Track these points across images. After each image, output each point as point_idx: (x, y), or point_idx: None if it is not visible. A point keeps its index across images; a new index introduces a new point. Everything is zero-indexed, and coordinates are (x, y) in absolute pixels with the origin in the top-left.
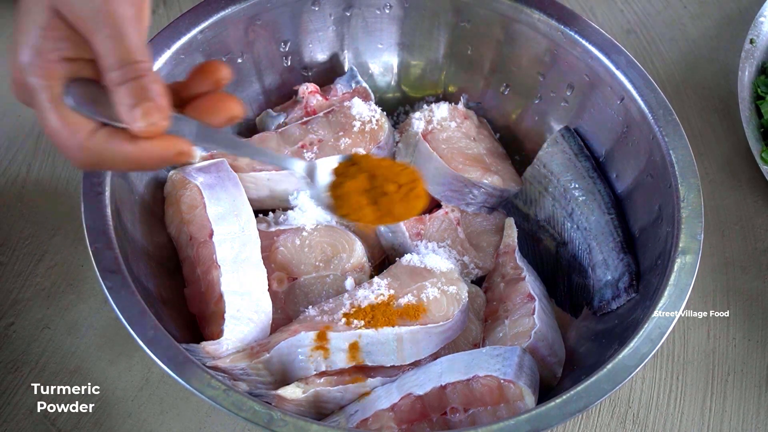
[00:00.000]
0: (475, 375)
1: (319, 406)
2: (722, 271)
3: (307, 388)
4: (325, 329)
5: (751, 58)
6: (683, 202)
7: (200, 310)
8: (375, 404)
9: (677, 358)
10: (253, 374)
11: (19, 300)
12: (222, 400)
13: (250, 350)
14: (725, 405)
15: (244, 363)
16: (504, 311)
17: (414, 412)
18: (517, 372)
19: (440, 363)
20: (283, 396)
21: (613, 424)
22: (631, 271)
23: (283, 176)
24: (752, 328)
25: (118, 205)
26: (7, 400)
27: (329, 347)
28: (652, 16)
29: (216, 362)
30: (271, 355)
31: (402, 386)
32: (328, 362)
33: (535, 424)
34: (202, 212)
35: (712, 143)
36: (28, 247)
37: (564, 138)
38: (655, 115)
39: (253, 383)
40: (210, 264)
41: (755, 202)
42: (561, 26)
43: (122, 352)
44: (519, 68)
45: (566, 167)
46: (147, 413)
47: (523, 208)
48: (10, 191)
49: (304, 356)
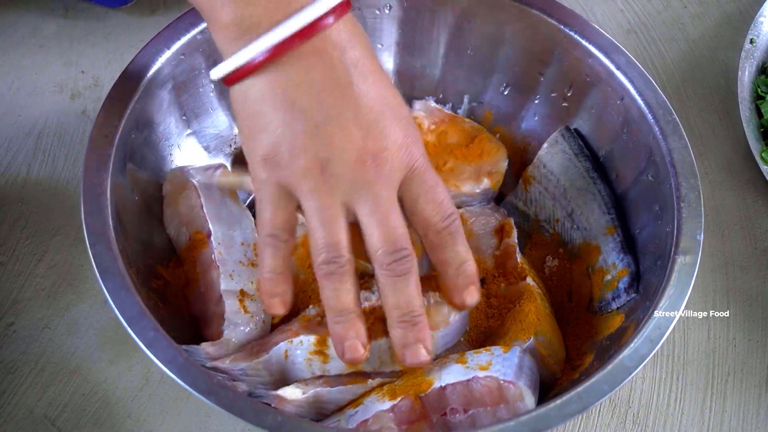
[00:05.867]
0: (474, 376)
1: (319, 407)
2: (722, 271)
3: (307, 388)
4: (326, 334)
5: (751, 58)
6: (683, 202)
7: (200, 310)
8: (375, 405)
9: (677, 358)
10: (252, 374)
11: (19, 300)
12: (222, 401)
13: (249, 349)
14: (725, 405)
15: (244, 363)
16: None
17: (414, 413)
18: (517, 372)
19: (439, 364)
20: (283, 397)
21: (613, 424)
22: (631, 271)
23: None
24: (752, 328)
25: (118, 205)
26: (7, 400)
27: (328, 353)
28: (652, 16)
29: (215, 363)
30: (270, 355)
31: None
32: (327, 368)
33: (534, 425)
34: (200, 212)
35: (712, 143)
36: (28, 247)
37: (564, 138)
38: (655, 115)
39: (253, 383)
40: (209, 264)
41: (755, 202)
42: (561, 26)
43: (122, 352)
44: (519, 68)
45: (566, 167)
46: (147, 413)
47: (523, 208)
48: (10, 191)
49: (302, 359)
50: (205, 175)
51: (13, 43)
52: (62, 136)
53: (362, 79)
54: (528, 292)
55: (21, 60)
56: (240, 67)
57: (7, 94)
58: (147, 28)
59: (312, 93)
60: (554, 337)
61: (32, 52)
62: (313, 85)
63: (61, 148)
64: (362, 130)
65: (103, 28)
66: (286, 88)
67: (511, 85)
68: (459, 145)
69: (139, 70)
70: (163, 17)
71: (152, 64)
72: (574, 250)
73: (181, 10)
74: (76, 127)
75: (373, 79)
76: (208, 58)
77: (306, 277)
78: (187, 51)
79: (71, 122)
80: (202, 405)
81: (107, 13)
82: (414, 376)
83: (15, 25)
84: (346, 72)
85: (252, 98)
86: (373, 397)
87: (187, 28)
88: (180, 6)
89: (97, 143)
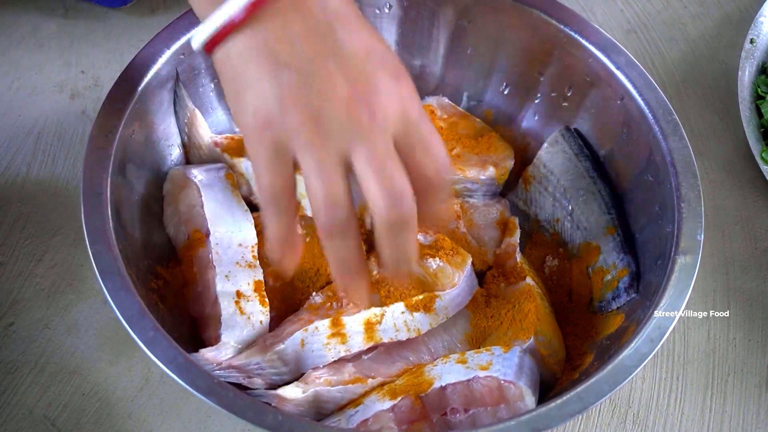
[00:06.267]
0: (475, 376)
1: (319, 406)
2: (722, 271)
3: (307, 387)
4: (338, 315)
5: (751, 58)
6: (683, 202)
7: (197, 311)
8: (375, 405)
9: (677, 358)
10: (267, 367)
11: (18, 300)
12: (222, 401)
13: (261, 343)
14: (725, 405)
15: (259, 357)
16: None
17: (414, 413)
18: (518, 372)
19: (440, 364)
20: (283, 396)
21: (614, 424)
22: (631, 271)
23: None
24: (753, 328)
25: (118, 205)
26: (6, 400)
27: (345, 332)
28: (652, 16)
29: (230, 361)
30: (286, 345)
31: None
32: (347, 347)
33: (535, 425)
34: (199, 211)
35: (712, 143)
36: (28, 247)
37: (564, 138)
38: (655, 115)
39: (269, 377)
40: (206, 264)
41: (755, 202)
42: (561, 26)
43: (122, 352)
44: (519, 68)
45: (566, 167)
46: (147, 413)
47: (523, 208)
48: (10, 191)
49: (320, 344)
50: (206, 174)
51: (13, 43)
52: (62, 136)
53: (343, 27)
54: (528, 292)
55: (21, 60)
56: (219, 28)
57: (6, 94)
58: (147, 28)
59: (294, 45)
60: (554, 337)
61: (32, 52)
62: (293, 38)
63: (61, 148)
64: (349, 79)
65: (103, 28)
66: (267, 43)
67: (511, 85)
68: (468, 137)
69: (139, 70)
70: (163, 17)
71: (152, 64)
72: (574, 250)
73: (181, 10)
74: (76, 127)
75: (354, 28)
76: (207, 58)
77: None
78: (187, 51)
79: (71, 122)
80: (202, 405)
81: (107, 13)
82: (414, 375)
83: (15, 25)
84: (327, 22)
85: (234, 58)
86: (374, 396)
87: (187, 28)
88: (180, 6)
89: (97, 143)
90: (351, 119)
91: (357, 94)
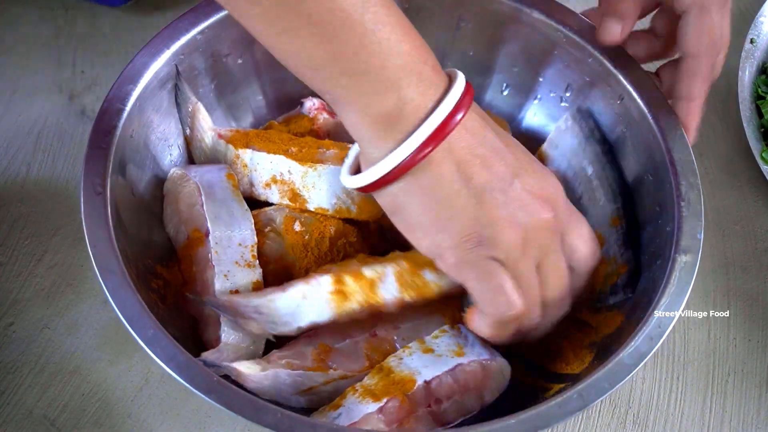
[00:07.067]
0: (458, 363)
1: (278, 387)
2: (722, 271)
3: (267, 366)
4: (340, 273)
5: (751, 58)
6: (683, 201)
7: (197, 311)
8: (359, 407)
9: (677, 358)
10: (265, 312)
11: (18, 300)
12: (222, 399)
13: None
14: (725, 405)
15: (258, 300)
16: None
17: (403, 411)
18: (484, 345)
19: (405, 357)
20: (241, 371)
21: (614, 424)
22: (630, 269)
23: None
24: (753, 328)
25: (118, 204)
26: (6, 400)
27: (347, 290)
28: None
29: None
30: (288, 293)
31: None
32: (345, 309)
33: (535, 423)
34: (199, 210)
35: (712, 143)
36: (28, 247)
37: (575, 120)
38: (655, 115)
39: (264, 323)
40: (205, 264)
41: (755, 202)
42: (561, 26)
43: (122, 352)
44: (519, 68)
45: (576, 150)
46: (147, 413)
47: None
48: (10, 191)
49: (323, 300)
50: (206, 174)
51: (13, 43)
52: (62, 136)
53: (513, 153)
54: None
55: (21, 60)
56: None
57: (6, 94)
58: (147, 28)
59: (482, 165)
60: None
61: (32, 51)
62: (479, 157)
63: (61, 148)
64: (539, 198)
65: (103, 28)
66: (459, 166)
67: (511, 85)
68: None
69: (139, 70)
70: (163, 17)
71: (152, 64)
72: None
73: (181, 9)
74: (75, 127)
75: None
76: (207, 58)
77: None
78: (187, 51)
79: (71, 122)
80: (202, 405)
81: (107, 13)
82: (385, 373)
83: (15, 25)
84: (494, 140)
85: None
86: (352, 398)
87: (187, 28)
88: (180, 6)
89: (97, 143)
90: (546, 237)
91: (547, 213)
